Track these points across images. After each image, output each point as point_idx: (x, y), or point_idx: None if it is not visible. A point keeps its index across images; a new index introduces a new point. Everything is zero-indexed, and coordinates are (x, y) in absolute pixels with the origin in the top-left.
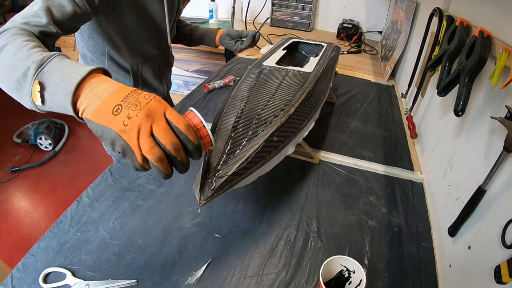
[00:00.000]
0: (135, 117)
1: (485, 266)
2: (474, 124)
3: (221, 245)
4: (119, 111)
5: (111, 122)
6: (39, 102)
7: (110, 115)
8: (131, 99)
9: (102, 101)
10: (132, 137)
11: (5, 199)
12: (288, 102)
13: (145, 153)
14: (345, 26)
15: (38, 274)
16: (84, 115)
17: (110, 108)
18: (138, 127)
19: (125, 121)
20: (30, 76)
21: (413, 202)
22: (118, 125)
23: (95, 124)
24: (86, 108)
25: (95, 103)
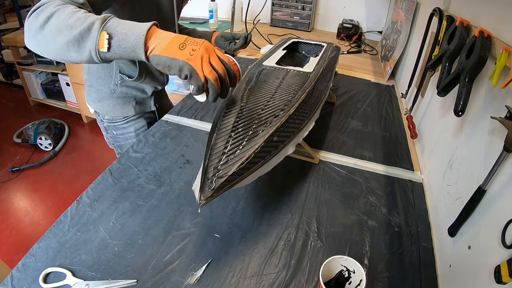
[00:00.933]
0: (198, 49)
1: (485, 266)
2: (474, 124)
3: (221, 245)
4: (185, 47)
5: (179, 54)
6: (105, 49)
7: (178, 50)
8: (190, 40)
9: (168, 41)
10: (197, 63)
11: (5, 199)
12: (288, 102)
13: (206, 74)
14: (345, 26)
15: (38, 274)
16: (153, 53)
17: (176, 46)
18: (201, 56)
19: (190, 52)
20: (96, 29)
21: (413, 202)
22: (185, 56)
23: (165, 57)
24: (155, 48)
25: (162, 43)
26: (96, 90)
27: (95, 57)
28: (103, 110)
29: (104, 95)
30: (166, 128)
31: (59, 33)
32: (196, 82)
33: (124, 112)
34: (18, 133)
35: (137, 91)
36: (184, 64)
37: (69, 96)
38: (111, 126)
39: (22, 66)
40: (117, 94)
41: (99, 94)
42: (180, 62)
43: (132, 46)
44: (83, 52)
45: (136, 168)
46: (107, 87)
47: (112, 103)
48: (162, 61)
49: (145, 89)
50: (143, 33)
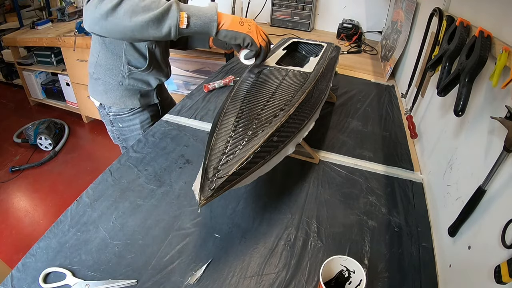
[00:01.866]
0: (253, 25)
1: (485, 266)
2: (474, 124)
3: (221, 245)
4: (243, 24)
5: (241, 28)
6: (184, 25)
7: (239, 25)
8: (244, 19)
9: (231, 19)
10: (254, 35)
11: (5, 199)
12: (288, 102)
13: (261, 42)
14: (345, 26)
15: (38, 274)
16: (223, 28)
17: (237, 22)
18: (255, 30)
19: (249, 27)
20: (175, 9)
21: (413, 202)
22: (246, 29)
23: (232, 31)
24: (224, 24)
25: (228, 21)
26: (103, 83)
27: (173, 33)
28: (110, 101)
29: (111, 87)
30: (166, 128)
31: (135, 14)
32: (255, 48)
33: (130, 104)
34: (18, 133)
35: (143, 83)
36: (246, 36)
37: (69, 96)
38: (117, 119)
39: (22, 66)
40: (125, 86)
41: (107, 86)
42: (243, 35)
43: (206, 23)
44: (162, 29)
45: (136, 168)
46: (115, 79)
47: (119, 94)
48: (230, 34)
49: (150, 82)
50: (214, 13)
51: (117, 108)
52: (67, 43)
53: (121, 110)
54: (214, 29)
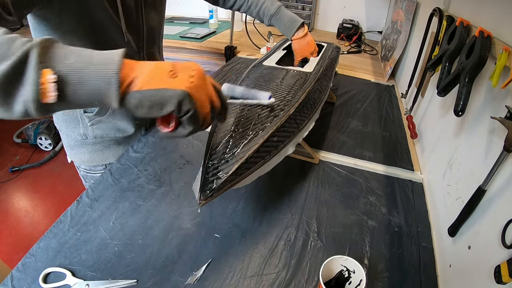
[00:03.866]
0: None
1: (485, 266)
2: (474, 124)
3: (221, 245)
4: (176, 75)
5: (173, 84)
6: (52, 98)
7: (169, 79)
8: (179, 66)
9: (151, 69)
10: (201, 93)
11: (5, 199)
12: (288, 102)
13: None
14: (345, 26)
15: (38, 274)
16: (134, 88)
17: (164, 74)
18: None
19: (188, 80)
20: (33, 66)
21: (413, 202)
22: (183, 84)
23: (152, 91)
24: (134, 81)
25: (142, 75)
26: (66, 136)
27: (34, 112)
28: (78, 159)
29: (75, 142)
30: None
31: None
32: (196, 119)
33: (103, 159)
34: (18, 133)
35: (116, 131)
36: (185, 95)
37: None
38: (89, 176)
39: None
40: (91, 139)
41: (70, 140)
42: (178, 93)
43: (98, 88)
44: (14, 108)
45: (136, 168)
46: (76, 131)
47: (87, 150)
48: (150, 96)
49: (125, 128)
50: (115, 65)
51: (88, 166)
52: None
53: (93, 168)
54: (114, 96)
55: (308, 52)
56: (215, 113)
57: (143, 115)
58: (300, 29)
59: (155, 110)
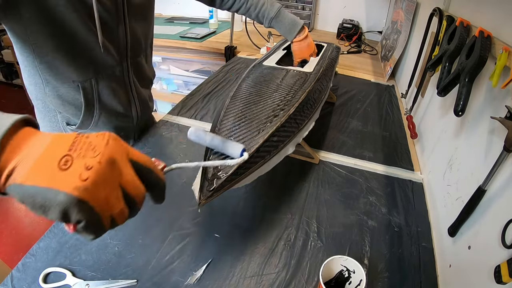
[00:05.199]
0: (97, 165)
1: (485, 266)
2: (474, 124)
3: (221, 245)
4: (69, 164)
5: (60, 180)
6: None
7: (57, 171)
8: (81, 144)
9: (40, 154)
10: (99, 195)
11: (5, 199)
12: (288, 102)
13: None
14: (345, 26)
15: (38, 274)
16: (13, 181)
17: (55, 162)
18: (104, 178)
19: (82, 174)
20: None
21: (413, 202)
22: (72, 182)
23: (34, 188)
24: (16, 170)
25: (28, 161)
26: None
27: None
28: None
29: None
30: (166, 128)
31: None
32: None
33: None
34: None
35: None
36: (72, 202)
37: None
38: None
39: None
40: None
41: None
42: (63, 197)
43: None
44: None
45: None
46: None
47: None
48: (29, 196)
49: None
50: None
51: None
52: None
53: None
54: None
55: (307, 54)
56: (137, 206)
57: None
58: (301, 31)
59: (40, 213)
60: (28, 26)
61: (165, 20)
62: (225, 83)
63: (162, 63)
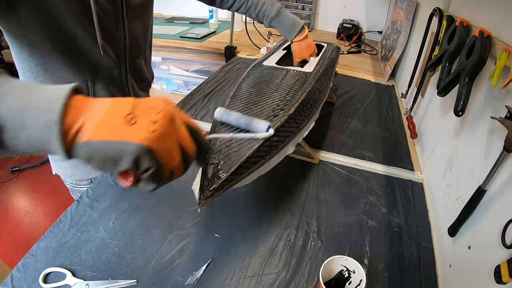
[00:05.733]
0: (163, 118)
1: (485, 266)
2: (474, 124)
3: (221, 245)
4: (135, 120)
5: (129, 133)
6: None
7: (124, 126)
8: (141, 105)
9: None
10: (164, 147)
11: (5, 199)
12: (288, 102)
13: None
14: (345, 26)
15: (38, 274)
16: (82, 138)
17: (120, 119)
18: (167, 132)
19: (150, 127)
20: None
21: (413, 202)
22: (141, 134)
23: (103, 143)
24: (83, 129)
25: (93, 119)
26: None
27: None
28: (61, 173)
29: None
30: None
31: None
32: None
33: (87, 174)
34: None
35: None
36: (143, 151)
37: None
38: (75, 190)
39: None
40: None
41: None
42: (131, 148)
43: (39, 137)
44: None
45: None
46: None
47: (69, 164)
48: (99, 150)
49: None
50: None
51: (73, 180)
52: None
53: (79, 183)
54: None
55: (307, 54)
56: (189, 162)
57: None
58: (301, 31)
59: (108, 166)
60: (27, 27)
61: (165, 20)
62: (225, 83)
63: (162, 63)
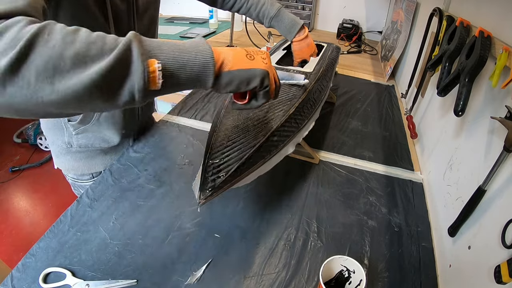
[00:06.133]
0: (267, 57)
1: (485, 266)
2: (474, 124)
3: (221, 245)
4: (253, 57)
5: (254, 64)
6: (159, 86)
7: (249, 60)
8: (250, 50)
9: (233, 53)
10: (274, 71)
11: (5, 199)
12: (288, 102)
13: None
14: (345, 26)
15: (38, 274)
16: (225, 69)
17: (244, 56)
18: (271, 65)
19: (264, 60)
20: (137, 59)
21: (413, 202)
22: (262, 64)
23: (241, 71)
24: (224, 63)
25: (229, 57)
26: (51, 143)
27: (140, 100)
28: (63, 167)
29: (60, 150)
30: (166, 128)
31: (61, 75)
32: (269, 93)
33: (89, 168)
34: (18, 133)
35: (101, 141)
36: (266, 74)
37: None
38: (77, 185)
39: None
40: (75, 148)
41: (55, 147)
42: (260, 72)
43: (197, 72)
44: (117, 98)
45: (136, 168)
46: (61, 139)
47: (72, 158)
48: (239, 76)
49: (110, 138)
50: (209, 51)
51: (75, 174)
52: None
53: (80, 177)
54: (210, 78)
55: (307, 54)
56: (278, 90)
57: (229, 91)
58: (300, 31)
59: (243, 86)
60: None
61: (165, 20)
62: None
63: None
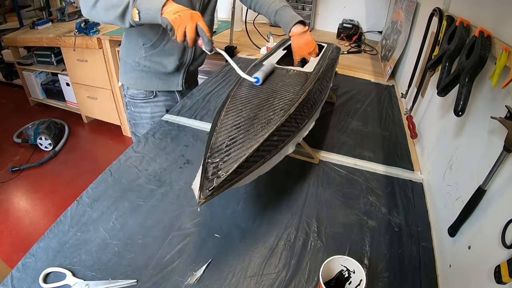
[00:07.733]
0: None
1: (485, 266)
2: (474, 124)
3: (221, 245)
4: (177, 13)
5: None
6: (137, 19)
7: (172, 14)
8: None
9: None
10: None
11: (5, 199)
12: (288, 101)
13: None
14: (345, 26)
15: (38, 274)
16: (163, 15)
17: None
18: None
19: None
20: (130, 8)
21: (413, 202)
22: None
23: (164, 18)
24: (164, 14)
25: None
26: (124, 63)
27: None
28: (127, 82)
29: (129, 67)
30: (166, 128)
31: (107, 11)
32: (172, 34)
33: (146, 86)
34: (18, 133)
35: (160, 66)
36: (168, 22)
37: (69, 96)
38: (131, 102)
39: (22, 66)
40: (141, 67)
41: (126, 66)
42: (166, 20)
43: (153, 16)
44: (125, 23)
45: (136, 168)
46: (133, 59)
47: (136, 75)
48: (164, 20)
49: (167, 65)
50: (159, 7)
51: (133, 91)
52: (67, 43)
53: (136, 95)
54: (159, 19)
55: (306, 52)
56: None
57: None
58: (298, 25)
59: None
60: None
61: None
62: (225, 83)
63: None
